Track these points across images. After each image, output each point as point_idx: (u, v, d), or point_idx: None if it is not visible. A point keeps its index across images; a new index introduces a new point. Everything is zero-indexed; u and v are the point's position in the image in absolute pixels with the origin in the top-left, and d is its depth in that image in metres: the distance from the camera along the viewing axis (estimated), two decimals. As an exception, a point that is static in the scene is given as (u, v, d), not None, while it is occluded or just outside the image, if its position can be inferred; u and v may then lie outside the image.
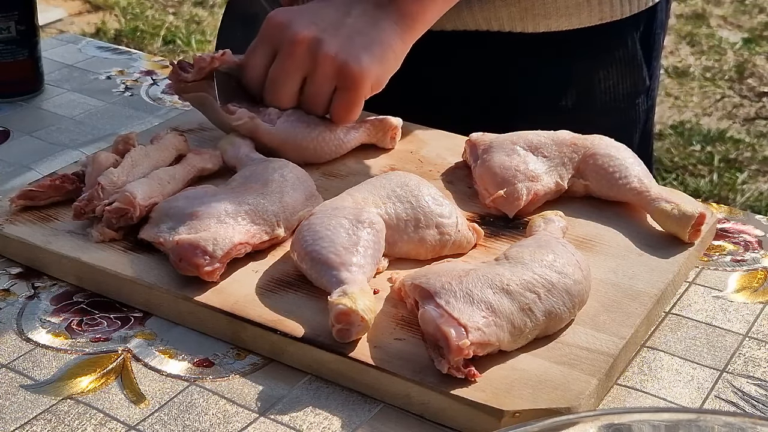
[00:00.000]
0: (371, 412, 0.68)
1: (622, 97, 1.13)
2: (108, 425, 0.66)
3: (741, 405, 0.69)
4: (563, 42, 1.08)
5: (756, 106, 3.38)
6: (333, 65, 0.91)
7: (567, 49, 1.09)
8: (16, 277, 0.82)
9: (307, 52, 0.91)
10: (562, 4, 1.06)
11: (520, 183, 0.85)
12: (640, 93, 1.15)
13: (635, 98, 1.14)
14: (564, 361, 0.69)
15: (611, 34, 1.10)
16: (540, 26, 1.07)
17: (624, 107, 1.14)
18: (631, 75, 1.13)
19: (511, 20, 1.06)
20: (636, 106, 1.15)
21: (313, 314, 0.73)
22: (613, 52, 1.12)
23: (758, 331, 0.76)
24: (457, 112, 1.09)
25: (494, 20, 1.07)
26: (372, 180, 0.83)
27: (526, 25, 1.07)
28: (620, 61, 1.12)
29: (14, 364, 0.72)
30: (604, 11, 1.08)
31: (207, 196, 0.82)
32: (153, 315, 0.77)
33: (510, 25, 1.07)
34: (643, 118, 1.17)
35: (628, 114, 1.15)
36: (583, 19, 1.08)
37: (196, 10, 4.13)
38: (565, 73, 1.11)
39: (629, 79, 1.13)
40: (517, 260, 0.72)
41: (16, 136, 1.06)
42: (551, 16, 1.06)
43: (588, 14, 1.08)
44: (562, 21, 1.07)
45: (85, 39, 1.34)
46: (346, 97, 0.93)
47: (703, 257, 0.85)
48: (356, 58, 0.91)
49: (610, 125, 0.93)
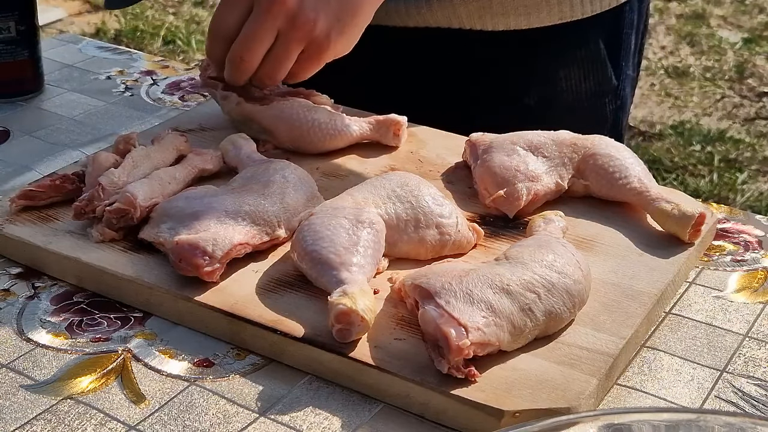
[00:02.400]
0: (371, 412, 0.68)
1: (586, 96, 1.14)
2: (108, 425, 0.66)
3: (741, 405, 0.69)
4: (524, 40, 1.09)
5: (756, 106, 3.38)
6: (310, 34, 0.91)
7: (528, 48, 1.10)
8: (16, 277, 0.82)
9: (285, 11, 0.91)
10: (520, 3, 1.06)
11: (520, 183, 0.86)
12: (606, 93, 1.15)
13: (601, 98, 1.14)
14: (564, 361, 0.69)
15: (572, 33, 1.10)
16: (499, 24, 1.08)
17: (588, 106, 1.14)
18: (595, 74, 1.13)
19: (470, 18, 1.07)
20: (602, 105, 1.15)
21: (313, 314, 0.73)
22: (574, 52, 1.12)
23: (758, 331, 0.76)
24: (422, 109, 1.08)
25: (453, 18, 1.07)
26: (372, 180, 0.83)
27: (485, 23, 1.08)
28: (582, 60, 1.12)
29: (14, 364, 0.72)
30: (564, 11, 1.08)
31: (207, 196, 0.82)
32: (153, 315, 0.77)
33: (469, 23, 1.08)
34: (611, 118, 1.17)
35: (594, 113, 1.15)
36: (542, 18, 1.08)
37: (196, 10, 4.13)
38: (527, 72, 1.11)
39: (592, 79, 1.13)
40: (517, 260, 0.72)
41: (16, 136, 1.06)
42: (509, 14, 1.07)
43: (547, 13, 1.08)
44: (521, 20, 1.07)
45: (85, 39, 1.34)
46: (308, 62, 0.94)
47: (703, 257, 0.85)
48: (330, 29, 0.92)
49: (575, 124, 0.93)
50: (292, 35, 0.92)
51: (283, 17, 0.91)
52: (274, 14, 0.91)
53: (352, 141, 0.97)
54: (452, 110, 1.11)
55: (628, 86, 1.19)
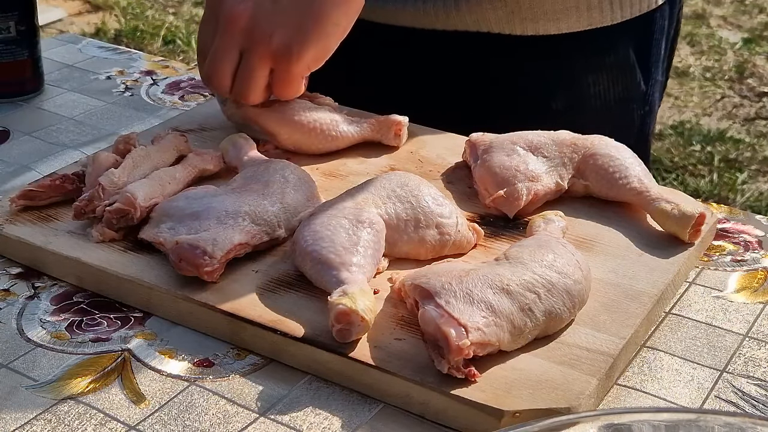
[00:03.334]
0: (371, 412, 0.68)
1: (614, 102, 1.13)
2: (108, 425, 0.66)
3: (741, 405, 0.69)
4: (553, 45, 1.08)
5: (756, 106, 3.38)
6: (268, 49, 0.89)
7: (556, 52, 1.09)
8: (16, 277, 0.82)
9: (241, 29, 0.90)
10: (550, 8, 1.06)
11: (520, 183, 0.85)
12: (634, 99, 1.14)
13: (629, 103, 1.14)
14: (564, 361, 0.69)
15: (602, 39, 1.10)
16: (528, 29, 1.07)
17: (617, 112, 1.14)
18: (623, 80, 1.13)
19: (499, 23, 1.06)
20: (631, 111, 1.15)
21: (313, 314, 0.73)
22: (603, 57, 1.11)
23: (758, 331, 0.76)
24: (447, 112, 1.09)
25: (482, 22, 1.07)
26: (372, 180, 0.83)
27: (513, 28, 1.07)
28: (611, 66, 1.12)
29: (14, 364, 0.72)
30: (594, 17, 1.08)
31: (207, 196, 0.82)
32: (153, 315, 0.77)
33: (498, 27, 1.07)
34: (638, 123, 1.16)
35: (622, 119, 1.14)
36: (572, 23, 1.07)
37: (196, 10, 4.13)
38: (555, 76, 1.10)
39: (621, 84, 1.12)
40: (517, 260, 0.72)
41: (16, 136, 1.06)
42: (539, 19, 1.06)
43: (576, 19, 1.07)
44: (550, 25, 1.07)
45: (85, 39, 1.34)
46: (281, 77, 0.91)
47: (703, 257, 0.85)
48: (289, 41, 0.88)
49: (603, 129, 0.93)
50: (252, 52, 0.90)
51: (240, 35, 0.90)
52: (231, 32, 0.90)
53: (353, 142, 0.97)
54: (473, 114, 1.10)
55: (656, 92, 1.18)
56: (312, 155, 0.96)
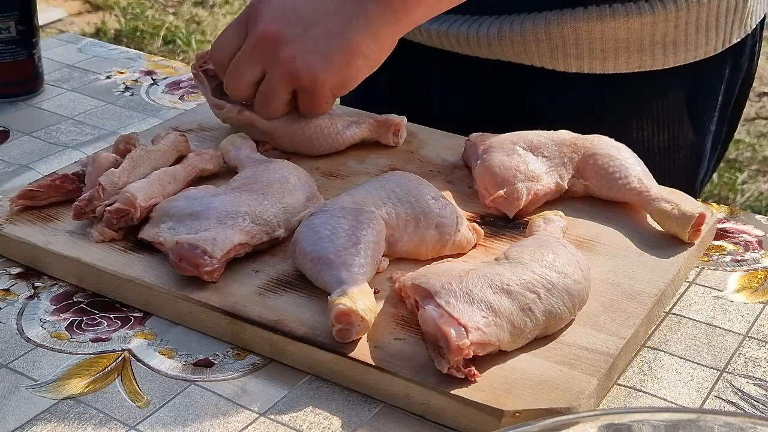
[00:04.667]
0: (371, 412, 0.68)
1: (658, 149, 1.07)
2: (108, 425, 0.66)
3: (741, 405, 0.69)
4: (597, 84, 1.04)
5: (756, 106, 3.38)
6: (289, 70, 0.91)
7: (599, 93, 1.05)
8: (16, 277, 0.82)
9: (269, 48, 0.91)
10: (597, 47, 1.02)
11: (520, 183, 0.85)
12: (681, 147, 1.08)
13: (675, 152, 1.08)
14: (564, 361, 0.69)
15: (650, 82, 1.04)
16: (572, 66, 1.03)
17: (660, 159, 1.07)
18: (670, 128, 1.07)
19: (541, 57, 1.03)
20: (676, 159, 1.09)
21: (313, 314, 0.73)
22: (650, 102, 1.06)
23: (758, 331, 0.76)
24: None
25: (524, 55, 1.04)
26: (372, 180, 0.83)
27: (556, 63, 1.03)
28: (658, 112, 1.06)
29: (14, 364, 0.72)
30: (644, 60, 1.03)
31: (207, 196, 0.82)
32: (153, 315, 0.77)
33: (540, 61, 1.04)
34: (684, 172, 1.10)
35: (667, 166, 1.07)
36: (619, 64, 1.03)
37: (196, 10, 4.13)
38: (596, 119, 1.02)
39: (667, 132, 1.07)
40: (517, 260, 0.72)
41: (16, 136, 1.06)
42: (583, 57, 1.02)
43: (625, 60, 1.03)
44: (596, 64, 1.03)
45: (85, 39, 1.34)
46: (306, 99, 0.93)
47: (703, 257, 0.85)
48: (312, 66, 0.90)
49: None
50: (275, 71, 0.91)
51: (267, 51, 0.91)
52: (259, 47, 0.91)
53: (352, 142, 0.97)
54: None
55: (709, 142, 1.12)
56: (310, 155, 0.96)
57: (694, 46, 1.04)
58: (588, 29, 1.01)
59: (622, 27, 1.01)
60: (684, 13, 1.02)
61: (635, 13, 1.01)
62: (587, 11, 1.01)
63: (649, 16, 1.01)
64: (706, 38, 1.04)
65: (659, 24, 1.01)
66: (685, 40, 1.03)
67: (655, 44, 1.02)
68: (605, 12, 1.01)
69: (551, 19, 1.02)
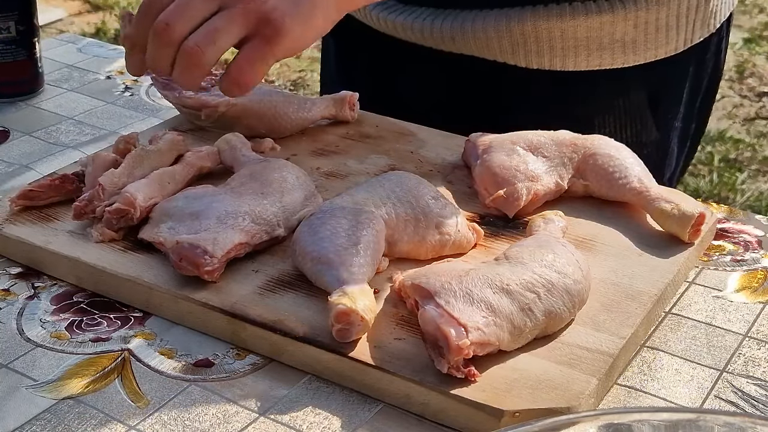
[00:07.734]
0: (371, 412, 0.68)
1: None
2: (108, 425, 0.66)
3: (741, 405, 0.69)
4: (559, 82, 1.04)
5: (756, 106, 3.38)
6: (259, 9, 0.78)
7: (562, 90, 1.05)
8: (16, 277, 0.82)
9: None
10: (557, 45, 1.02)
11: (520, 183, 0.85)
12: (645, 144, 1.08)
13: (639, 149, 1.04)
14: (564, 361, 0.69)
15: (612, 80, 1.05)
16: (533, 63, 1.03)
17: None
18: (633, 125, 1.07)
19: (503, 53, 1.04)
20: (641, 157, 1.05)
21: (313, 314, 0.73)
22: (611, 100, 1.06)
23: (758, 331, 0.76)
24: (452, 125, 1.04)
25: (487, 50, 1.04)
26: (372, 180, 0.83)
27: (518, 60, 1.04)
28: (620, 109, 1.06)
29: (14, 364, 0.72)
30: (604, 58, 1.03)
31: (207, 196, 0.82)
32: (153, 315, 0.77)
33: (503, 57, 1.04)
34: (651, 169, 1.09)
35: None
36: (579, 62, 1.03)
37: (196, 10, 4.12)
38: (559, 115, 1.05)
39: (630, 129, 1.07)
40: (517, 260, 0.72)
41: (16, 136, 1.06)
42: (544, 54, 1.03)
43: (585, 58, 1.03)
44: (556, 61, 1.03)
45: (85, 39, 1.34)
46: (258, 50, 0.79)
47: (703, 257, 0.85)
48: (283, 11, 0.78)
49: None
50: (237, 5, 0.78)
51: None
52: None
53: (315, 119, 1.01)
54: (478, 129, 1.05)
55: (675, 138, 1.12)
56: (311, 155, 0.96)
57: (654, 46, 1.04)
58: (548, 27, 1.01)
59: (582, 25, 1.01)
60: (643, 13, 1.02)
61: (594, 11, 1.01)
62: (547, 9, 1.01)
63: (608, 15, 1.01)
64: (666, 38, 1.05)
65: (618, 23, 1.02)
66: (645, 40, 1.04)
67: (615, 43, 1.03)
68: (565, 10, 1.01)
69: (512, 15, 1.02)
